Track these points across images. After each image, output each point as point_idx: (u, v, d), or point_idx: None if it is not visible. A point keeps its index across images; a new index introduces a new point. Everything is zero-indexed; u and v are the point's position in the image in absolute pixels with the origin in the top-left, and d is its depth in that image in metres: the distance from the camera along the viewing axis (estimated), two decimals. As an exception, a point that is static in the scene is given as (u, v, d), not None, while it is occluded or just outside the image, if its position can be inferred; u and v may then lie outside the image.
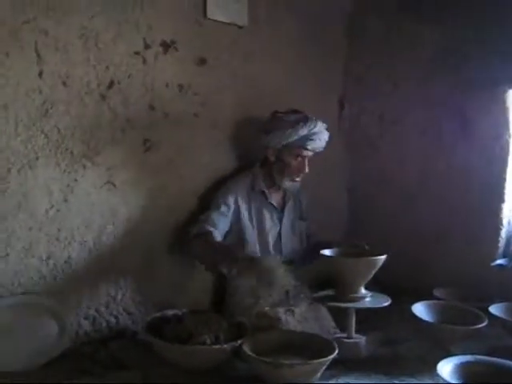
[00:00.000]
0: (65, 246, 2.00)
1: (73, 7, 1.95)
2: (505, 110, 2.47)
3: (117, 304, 2.14)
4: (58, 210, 1.97)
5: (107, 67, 2.06)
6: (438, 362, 1.71)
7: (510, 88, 2.46)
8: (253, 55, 2.56)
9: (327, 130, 2.40)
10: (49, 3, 1.90)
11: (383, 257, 2.11)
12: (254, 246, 2.43)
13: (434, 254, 2.66)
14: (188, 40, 2.30)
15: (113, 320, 2.13)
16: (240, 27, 2.49)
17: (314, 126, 2.34)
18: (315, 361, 1.75)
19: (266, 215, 2.48)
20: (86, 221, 2.05)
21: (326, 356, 1.78)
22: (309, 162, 2.40)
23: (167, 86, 2.24)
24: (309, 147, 2.35)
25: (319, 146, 2.39)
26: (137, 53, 2.14)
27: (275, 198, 2.51)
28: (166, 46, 2.23)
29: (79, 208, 2.03)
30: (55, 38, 1.92)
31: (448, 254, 2.62)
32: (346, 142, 2.63)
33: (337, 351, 1.82)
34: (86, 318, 2.06)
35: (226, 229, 2.36)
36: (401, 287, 2.51)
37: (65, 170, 1.98)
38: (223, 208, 2.33)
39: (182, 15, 2.27)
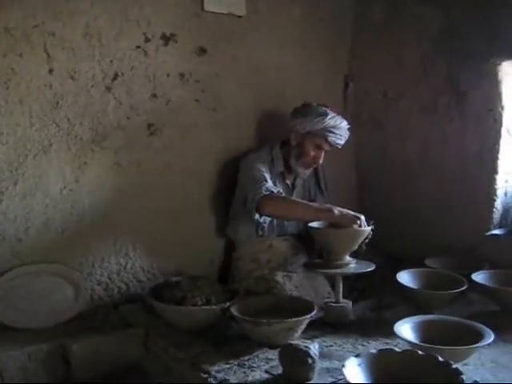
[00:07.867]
0: (77, 221, 2.27)
1: (78, 10, 2.20)
2: (497, 82, 2.51)
3: (127, 272, 2.40)
4: (70, 190, 2.25)
5: (111, 61, 2.29)
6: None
7: (501, 61, 2.49)
8: (253, 42, 2.69)
9: (348, 129, 2.55)
10: (56, 8, 2.15)
11: (366, 229, 2.24)
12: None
13: (432, 226, 2.74)
14: (187, 32, 2.47)
15: (124, 286, 2.40)
16: (239, 16, 2.64)
17: (341, 122, 2.51)
18: (290, 319, 1.93)
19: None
20: (96, 198, 2.31)
21: (307, 316, 1.96)
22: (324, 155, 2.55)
23: (168, 75, 2.44)
24: (330, 139, 2.50)
25: (339, 142, 2.53)
26: (138, 47, 2.35)
27: (289, 180, 2.67)
28: (166, 39, 2.42)
29: (90, 187, 2.29)
30: (62, 39, 2.17)
31: (444, 224, 2.70)
32: (351, 120, 2.74)
33: (314, 312, 1.98)
34: (99, 284, 2.33)
35: None
36: (400, 257, 2.64)
37: (75, 154, 2.25)
38: (264, 173, 2.43)
39: (180, 9, 2.45)
